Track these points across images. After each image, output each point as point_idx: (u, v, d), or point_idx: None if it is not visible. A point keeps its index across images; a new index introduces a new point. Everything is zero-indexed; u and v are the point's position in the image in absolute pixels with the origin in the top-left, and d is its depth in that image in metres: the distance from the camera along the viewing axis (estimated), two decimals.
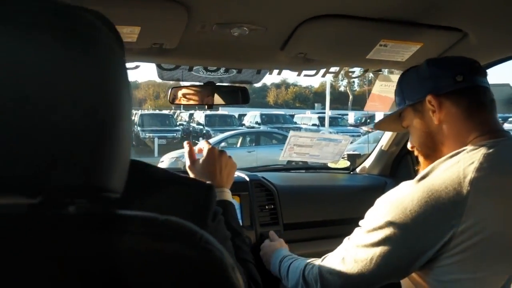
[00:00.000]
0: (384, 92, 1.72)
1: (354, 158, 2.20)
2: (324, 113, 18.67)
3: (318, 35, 1.22)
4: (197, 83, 1.56)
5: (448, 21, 1.20)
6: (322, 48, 1.31)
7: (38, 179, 0.36)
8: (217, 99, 1.53)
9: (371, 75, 1.68)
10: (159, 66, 1.44)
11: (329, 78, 18.56)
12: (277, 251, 1.34)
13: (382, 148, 1.95)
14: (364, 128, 16.30)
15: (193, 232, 0.42)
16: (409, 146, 1.15)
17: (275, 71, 1.56)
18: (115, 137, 0.42)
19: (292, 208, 1.68)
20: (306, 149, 2.04)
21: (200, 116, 17.91)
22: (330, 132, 12.75)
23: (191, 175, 1.12)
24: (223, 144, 9.78)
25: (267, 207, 1.62)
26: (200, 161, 1.13)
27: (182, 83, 1.57)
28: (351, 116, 20.05)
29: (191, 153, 1.17)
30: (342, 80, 30.80)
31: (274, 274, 1.28)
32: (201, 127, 16.61)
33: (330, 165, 2.15)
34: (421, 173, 0.92)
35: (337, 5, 1.09)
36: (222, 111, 19.41)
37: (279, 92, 46.73)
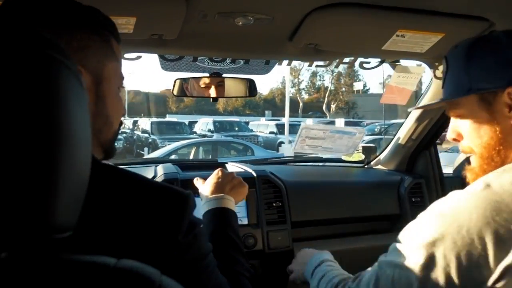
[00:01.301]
0: (402, 83, 1.61)
1: (369, 151, 2.10)
2: (279, 120, 17.72)
3: (329, 25, 1.13)
4: (202, 74, 1.48)
5: (472, 9, 1.09)
6: (334, 39, 1.22)
7: None
8: (224, 91, 1.46)
9: (336, 69, 1.56)
10: (161, 57, 1.37)
11: (288, 86, 17.75)
12: (318, 253, 1.18)
13: (399, 141, 1.85)
14: None
15: (149, 281, 0.35)
16: (449, 137, 0.91)
17: (285, 62, 1.48)
18: (68, 164, 0.35)
19: (301, 205, 1.61)
20: (318, 142, 1.96)
21: (145, 123, 15.94)
22: (290, 141, 12.08)
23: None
24: (173, 156, 7.83)
25: (274, 204, 1.55)
26: (210, 182, 1.08)
27: (187, 74, 1.50)
28: (309, 123, 19.37)
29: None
30: (292, 87, 30.36)
31: (306, 278, 1.14)
32: (147, 135, 14.38)
33: (344, 158, 2.06)
34: (482, 182, 0.73)
35: None
36: (170, 118, 17.53)
37: (229, 99, 45.43)
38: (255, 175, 1.58)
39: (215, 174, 1.10)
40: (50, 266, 0.34)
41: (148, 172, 1.64)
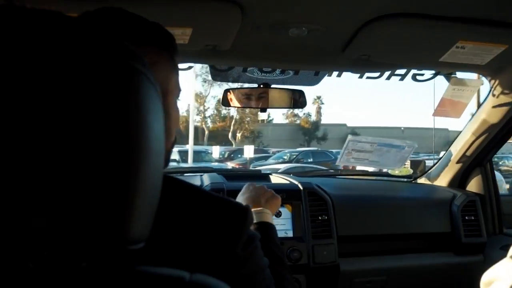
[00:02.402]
0: (456, 96, 1.55)
1: (418, 166, 2.03)
2: (183, 147, 17.04)
3: (385, 35, 1.10)
4: (251, 85, 1.49)
5: None
6: (389, 50, 1.19)
7: (46, 229, 0.30)
8: (272, 102, 1.45)
9: None
10: (212, 67, 1.39)
11: (192, 114, 17.09)
12: None
13: (452, 157, 1.77)
14: (230, 164, 15.19)
15: None
16: None
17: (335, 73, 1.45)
18: (143, 176, 0.35)
19: (348, 219, 1.56)
20: (365, 155, 1.90)
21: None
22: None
23: None
24: None
25: (320, 218, 1.51)
26: (244, 196, 1.06)
27: (236, 85, 1.50)
28: (216, 151, 18.47)
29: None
30: (197, 115, 30.08)
31: None
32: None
33: (391, 172, 1.99)
34: None
35: (409, 2, 0.96)
36: None
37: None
38: (301, 187, 1.56)
39: (247, 188, 1.08)
40: (126, 278, 0.34)
41: (194, 181, 1.65)
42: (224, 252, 0.58)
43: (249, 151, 15.05)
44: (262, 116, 32.95)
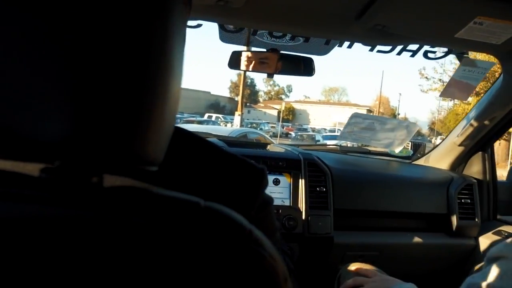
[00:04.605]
0: (466, 78, 1.52)
1: (418, 148, 2.03)
2: None
3: (402, 5, 1.07)
4: (260, 49, 1.45)
5: None
6: (406, 21, 1.15)
7: (61, 139, 0.29)
8: (280, 67, 1.42)
9: None
10: (221, 27, 1.35)
11: None
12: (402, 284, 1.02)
13: (454, 140, 1.76)
14: None
15: (240, 226, 0.33)
16: None
17: (346, 43, 1.42)
18: (162, 98, 0.33)
19: (345, 193, 1.56)
20: (367, 132, 1.89)
21: None
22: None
23: None
24: None
25: (318, 189, 1.51)
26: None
27: (244, 48, 1.47)
28: None
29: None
30: None
31: None
32: None
33: (391, 151, 1.99)
34: None
35: None
36: None
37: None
38: (301, 157, 1.55)
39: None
40: (141, 198, 0.33)
41: None
42: (238, 212, 0.56)
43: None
44: None
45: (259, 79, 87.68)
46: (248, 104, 53.95)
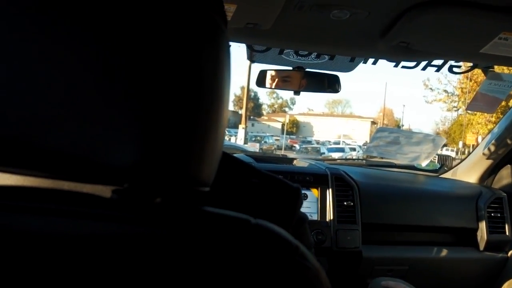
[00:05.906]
0: (492, 91, 1.53)
1: (445, 161, 2.02)
2: None
3: (427, 23, 1.09)
4: (286, 68, 1.50)
5: None
6: (430, 38, 1.18)
7: (131, 164, 0.33)
8: (307, 85, 1.46)
9: None
10: (249, 47, 1.40)
11: None
12: None
13: (482, 152, 1.75)
14: None
15: (288, 242, 0.36)
16: None
17: (370, 60, 1.45)
18: (215, 123, 0.38)
19: (373, 207, 1.58)
20: (393, 146, 1.90)
21: None
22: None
23: None
24: None
25: (345, 203, 1.53)
26: None
27: (271, 66, 1.52)
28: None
29: None
30: None
31: None
32: None
33: (417, 165, 1.99)
34: None
35: None
36: None
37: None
38: (328, 172, 1.57)
39: None
40: (195, 217, 0.36)
41: None
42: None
43: None
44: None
45: (262, 93, 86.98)
46: (251, 117, 53.75)
